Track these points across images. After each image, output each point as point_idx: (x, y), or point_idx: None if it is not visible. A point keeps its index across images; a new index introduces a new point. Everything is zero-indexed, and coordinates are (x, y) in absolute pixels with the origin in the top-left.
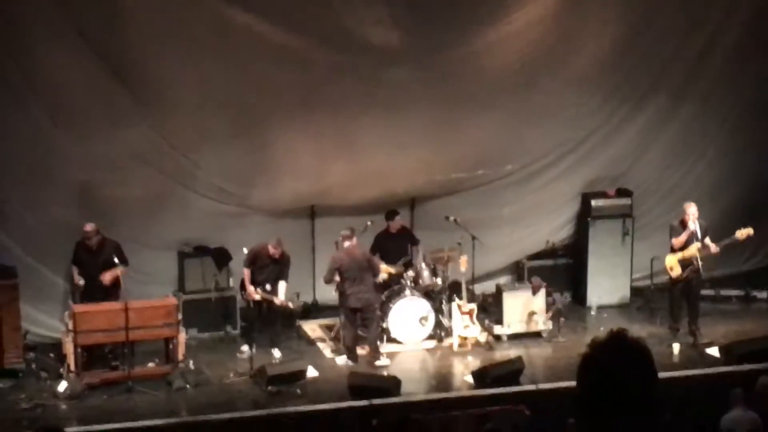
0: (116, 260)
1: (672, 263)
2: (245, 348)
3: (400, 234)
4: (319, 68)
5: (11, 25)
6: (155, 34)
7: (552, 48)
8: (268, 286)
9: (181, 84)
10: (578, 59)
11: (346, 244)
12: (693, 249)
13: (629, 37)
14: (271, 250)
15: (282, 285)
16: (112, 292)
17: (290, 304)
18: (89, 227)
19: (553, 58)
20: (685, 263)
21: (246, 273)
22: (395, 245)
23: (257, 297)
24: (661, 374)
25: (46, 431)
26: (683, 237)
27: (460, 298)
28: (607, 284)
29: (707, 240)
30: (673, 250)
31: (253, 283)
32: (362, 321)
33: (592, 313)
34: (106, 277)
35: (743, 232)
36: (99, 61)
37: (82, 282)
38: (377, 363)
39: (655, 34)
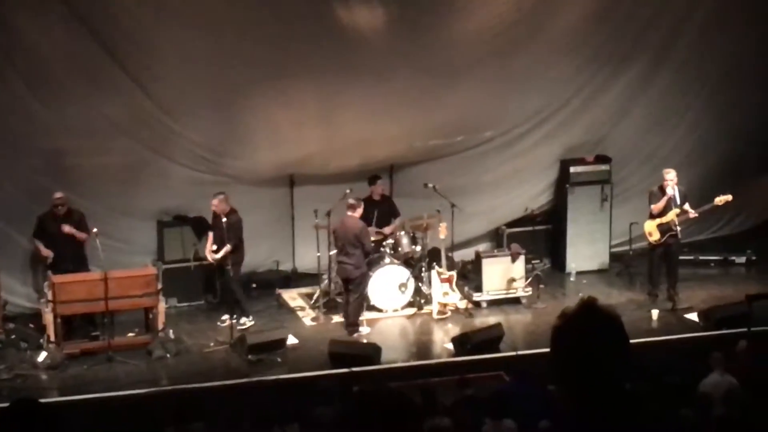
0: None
1: (651, 229)
2: (225, 317)
3: (382, 201)
4: (298, 37)
5: None
6: (137, 3)
7: (530, 13)
8: (214, 246)
9: (161, 53)
10: (556, 25)
11: (348, 213)
12: (671, 214)
13: (607, 3)
14: (213, 206)
15: (226, 248)
16: (80, 263)
17: (209, 257)
18: (60, 195)
19: (532, 23)
20: (663, 228)
21: (209, 236)
22: (378, 212)
23: (209, 257)
24: (640, 340)
25: (22, 403)
26: (661, 203)
27: (440, 266)
28: (586, 250)
29: (686, 205)
30: (652, 216)
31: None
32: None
33: (572, 279)
34: (66, 228)
35: (721, 199)
36: (80, 29)
37: (51, 254)
38: (354, 335)
39: None
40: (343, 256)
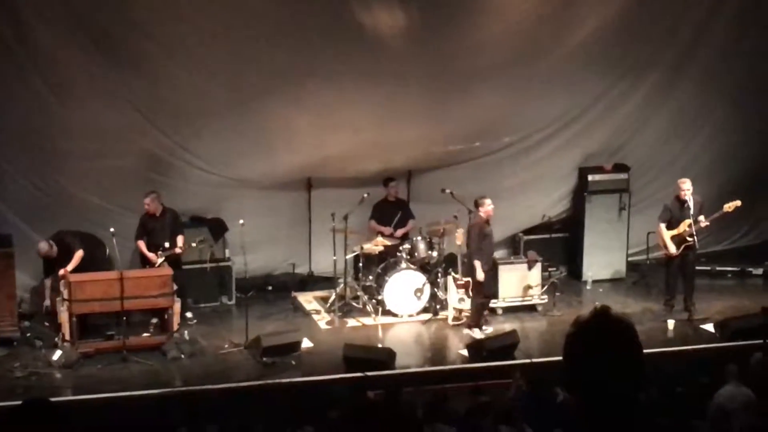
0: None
1: (666, 241)
2: (189, 314)
3: (397, 203)
4: (317, 41)
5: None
6: (154, 5)
7: (551, 20)
8: (166, 244)
9: (179, 56)
10: (577, 32)
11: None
12: (683, 225)
13: (628, 10)
14: (146, 205)
15: (179, 238)
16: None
17: (193, 244)
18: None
19: (552, 30)
20: (677, 240)
21: (139, 245)
22: (393, 213)
23: (160, 260)
24: (656, 349)
25: (33, 403)
26: (662, 234)
27: (456, 271)
28: (602, 259)
29: (701, 217)
30: (668, 223)
31: (153, 249)
32: None
33: (588, 287)
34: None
35: (730, 205)
36: (98, 32)
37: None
38: (471, 333)
39: (654, 7)
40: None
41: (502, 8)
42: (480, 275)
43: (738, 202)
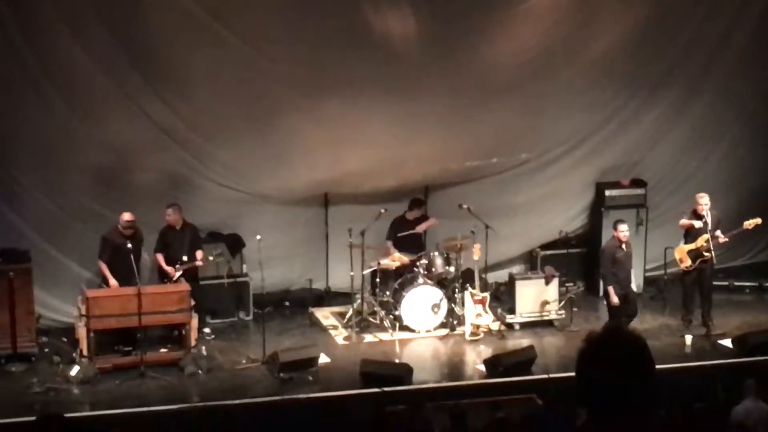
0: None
1: (681, 255)
2: (207, 330)
3: (416, 221)
4: (335, 57)
5: (29, 11)
6: (174, 21)
7: (568, 36)
8: (184, 258)
9: (197, 72)
10: (594, 47)
11: None
12: (701, 240)
13: (646, 25)
14: (167, 216)
15: (199, 253)
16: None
17: (210, 258)
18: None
19: (569, 46)
20: (693, 255)
21: (158, 258)
22: (412, 234)
23: (178, 273)
24: (674, 365)
25: (48, 418)
26: (688, 222)
27: (473, 287)
28: None
29: (717, 231)
30: (685, 237)
31: (171, 263)
32: None
33: (605, 302)
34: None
35: (750, 222)
36: (117, 47)
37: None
38: None
39: (672, 23)
40: None
41: (517, 26)
42: (614, 300)
43: (758, 220)
